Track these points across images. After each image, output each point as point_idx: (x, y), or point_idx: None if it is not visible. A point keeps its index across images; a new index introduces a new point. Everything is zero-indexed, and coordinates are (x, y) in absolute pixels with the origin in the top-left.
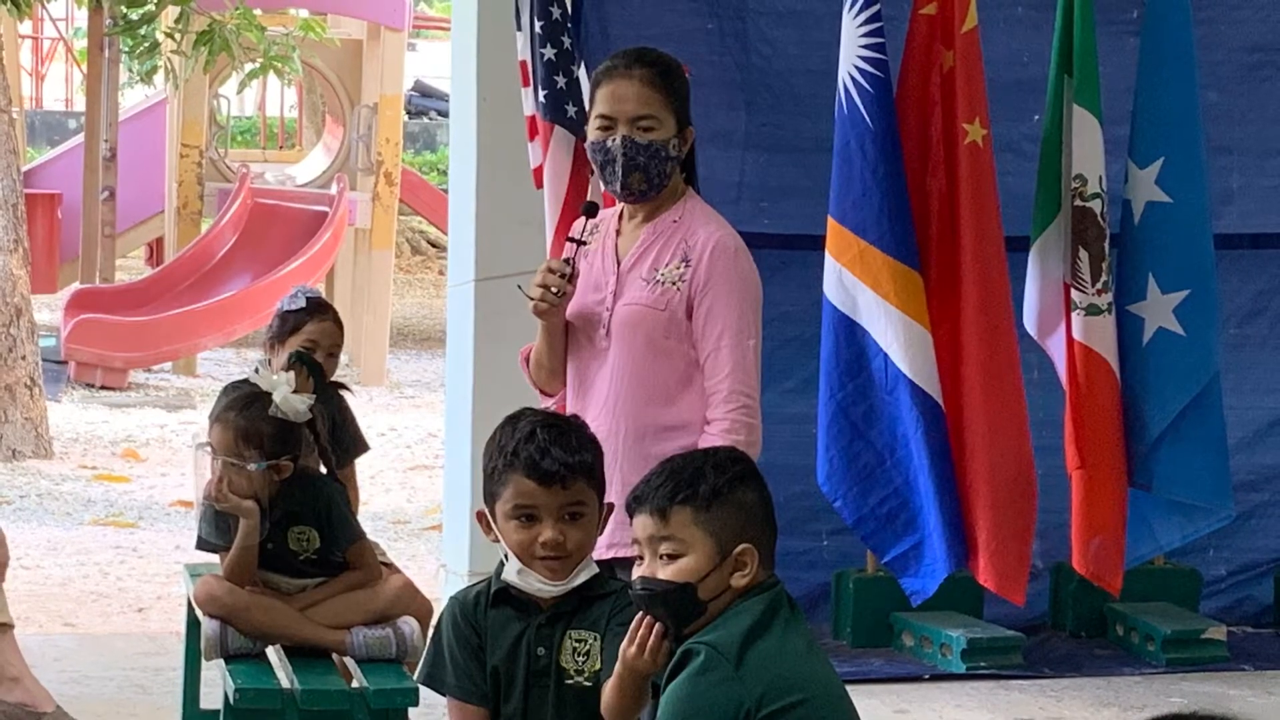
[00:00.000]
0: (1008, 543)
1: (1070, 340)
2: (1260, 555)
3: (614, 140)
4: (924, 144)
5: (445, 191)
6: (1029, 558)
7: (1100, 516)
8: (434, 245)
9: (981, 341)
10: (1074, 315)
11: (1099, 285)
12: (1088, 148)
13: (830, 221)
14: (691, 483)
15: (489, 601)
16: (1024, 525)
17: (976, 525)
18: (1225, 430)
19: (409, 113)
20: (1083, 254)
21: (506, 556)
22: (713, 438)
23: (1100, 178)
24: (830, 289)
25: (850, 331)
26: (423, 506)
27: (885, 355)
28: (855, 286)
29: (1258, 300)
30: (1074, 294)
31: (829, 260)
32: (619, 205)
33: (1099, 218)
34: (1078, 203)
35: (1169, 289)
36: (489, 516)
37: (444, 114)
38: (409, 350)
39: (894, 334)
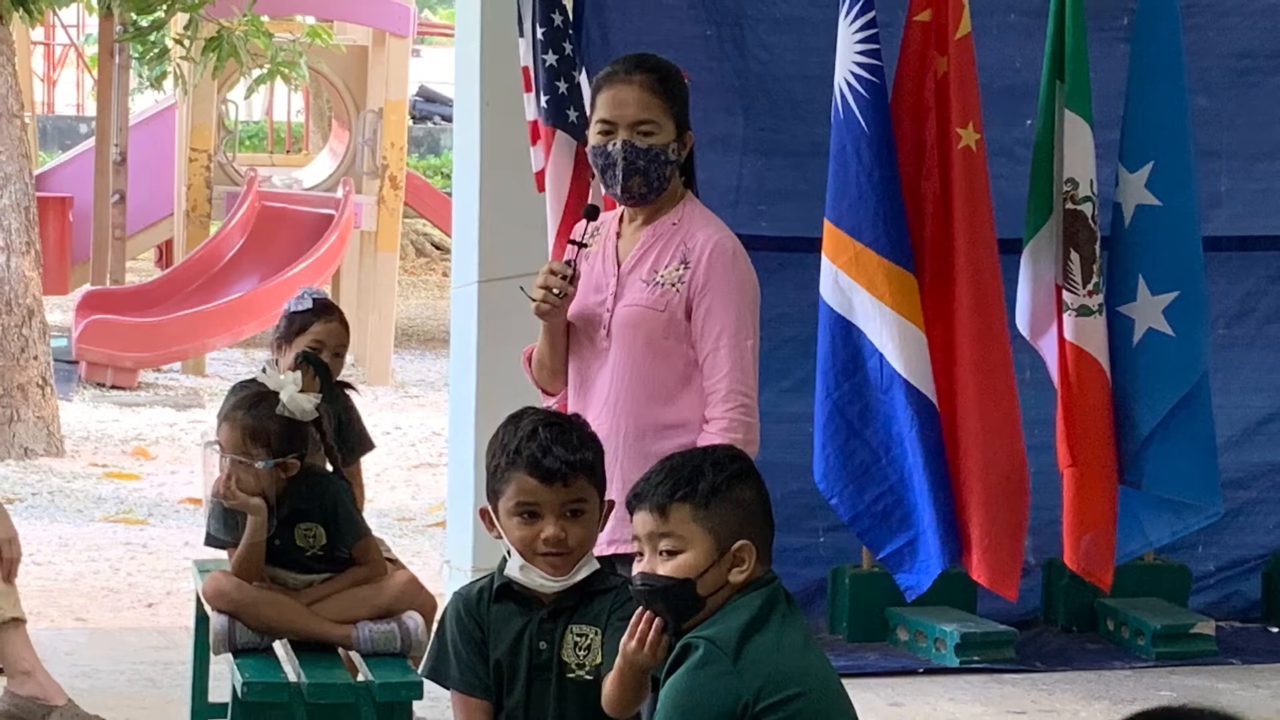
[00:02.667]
0: (1000, 539)
1: (1062, 341)
2: (1248, 551)
3: (614, 145)
4: (918, 148)
5: (449, 195)
6: (1021, 554)
7: (1091, 513)
8: (438, 247)
9: (975, 342)
10: (1065, 316)
11: (1090, 287)
12: (1079, 152)
13: (826, 224)
14: (691, 480)
15: (492, 597)
16: (1016, 522)
17: (970, 522)
18: (1214, 429)
19: (413, 117)
20: (1074, 256)
21: (509, 553)
22: (711, 436)
23: (1091, 181)
24: (826, 290)
25: (846, 332)
26: (427, 504)
27: (880, 355)
28: (851, 288)
29: (1245, 301)
30: (1065, 295)
31: (825, 262)
32: (619, 208)
33: (1090, 221)
34: (1069, 206)
35: (1158, 290)
36: (492, 513)
37: (448, 119)
38: (413, 350)
39: (889, 334)
